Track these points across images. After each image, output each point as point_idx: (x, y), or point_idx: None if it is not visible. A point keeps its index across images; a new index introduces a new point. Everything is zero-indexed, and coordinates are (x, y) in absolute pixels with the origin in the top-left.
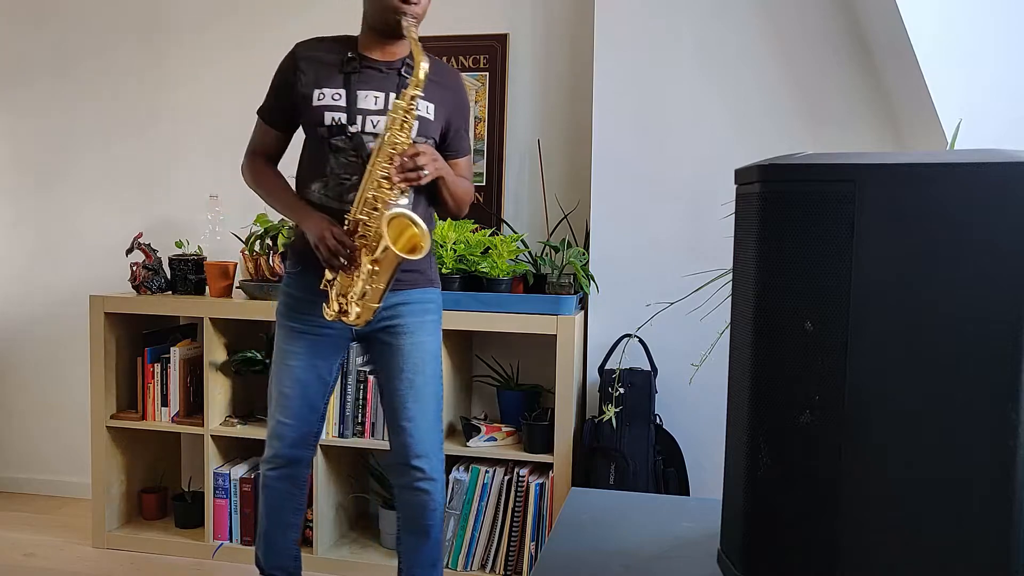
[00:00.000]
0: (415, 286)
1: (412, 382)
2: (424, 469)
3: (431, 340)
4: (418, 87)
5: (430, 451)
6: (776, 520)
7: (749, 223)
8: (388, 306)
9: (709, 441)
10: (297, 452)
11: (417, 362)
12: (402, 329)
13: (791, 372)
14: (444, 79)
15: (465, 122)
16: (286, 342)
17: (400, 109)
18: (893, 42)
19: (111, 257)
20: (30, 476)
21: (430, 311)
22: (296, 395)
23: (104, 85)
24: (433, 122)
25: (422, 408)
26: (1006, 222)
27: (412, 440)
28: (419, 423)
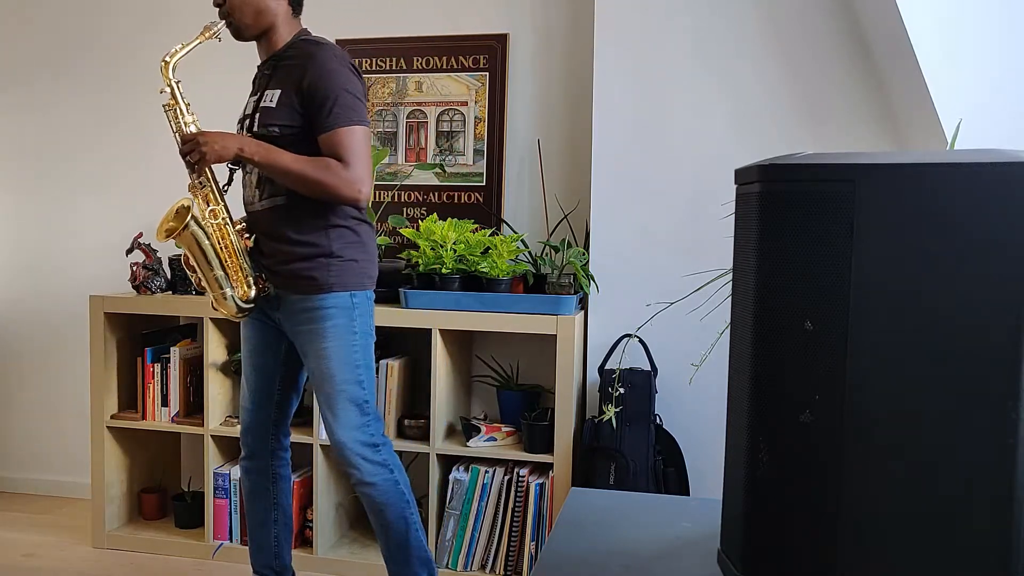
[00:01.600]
0: (317, 291)
1: (322, 390)
2: (354, 474)
3: (333, 346)
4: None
5: (353, 458)
6: (776, 520)
7: (749, 223)
8: (301, 311)
9: (709, 441)
10: (259, 442)
11: (323, 371)
12: (308, 337)
13: (791, 372)
14: (297, 58)
15: (323, 97)
16: (242, 328)
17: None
18: (893, 42)
19: (111, 257)
20: (30, 476)
21: (330, 316)
22: (250, 379)
23: (104, 84)
24: (275, 109)
25: (336, 416)
26: (1006, 222)
27: (335, 448)
28: (337, 432)
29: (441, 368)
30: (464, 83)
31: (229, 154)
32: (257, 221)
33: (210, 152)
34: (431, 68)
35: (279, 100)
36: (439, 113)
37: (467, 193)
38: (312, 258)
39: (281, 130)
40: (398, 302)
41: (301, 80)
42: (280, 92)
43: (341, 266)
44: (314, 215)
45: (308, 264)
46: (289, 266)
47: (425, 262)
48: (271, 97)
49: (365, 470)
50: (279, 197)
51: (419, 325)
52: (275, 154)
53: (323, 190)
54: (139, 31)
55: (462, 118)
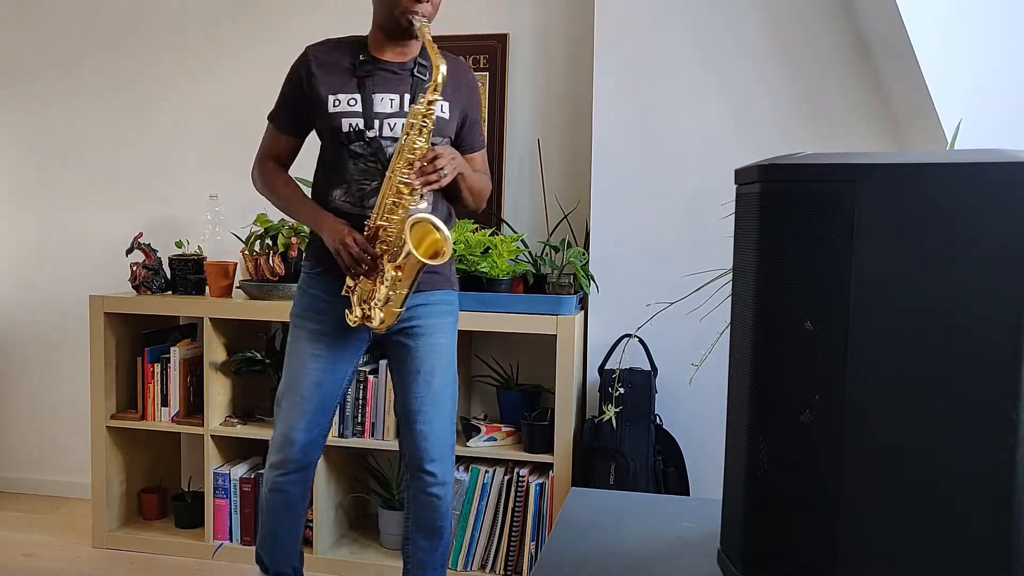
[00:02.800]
0: (434, 288)
1: (430, 384)
2: (437, 474)
3: (448, 342)
4: (436, 91)
5: (444, 455)
6: (776, 520)
7: (749, 223)
8: (408, 307)
9: (709, 441)
10: (309, 457)
11: (435, 364)
12: (420, 331)
13: (791, 372)
14: (458, 76)
15: (478, 115)
16: (305, 344)
17: (418, 114)
18: (893, 42)
19: (111, 257)
20: (30, 476)
21: (448, 313)
22: (314, 398)
23: (104, 84)
24: (449, 120)
25: (438, 411)
26: (1006, 222)
27: (427, 444)
28: (435, 427)
29: None
30: None
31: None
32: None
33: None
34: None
35: (451, 113)
36: None
37: None
38: None
39: (450, 142)
40: None
41: (465, 99)
42: (450, 106)
43: (453, 265)
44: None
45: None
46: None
47: None
48: (441, 107)
49: (447, 470)
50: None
51: None
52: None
53: (482, 202)
54: (140, 31)
55: None
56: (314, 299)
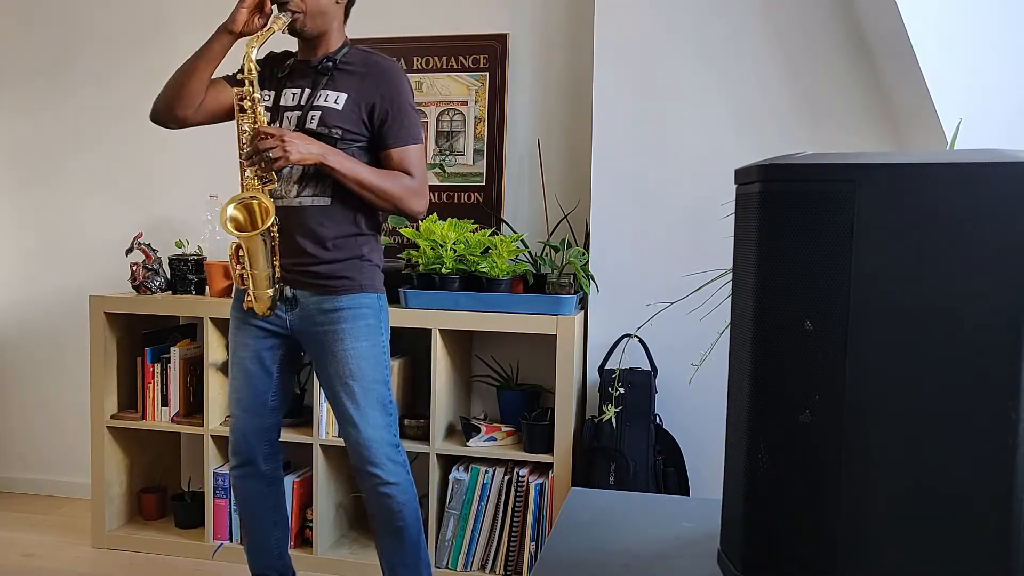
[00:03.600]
0: (347, 292)
1: (351, 389)
2: (379, 476)
3: (365, 345)
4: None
5: (381, 458)
6: (776, 520)
7: (749, 223)
8: (321, 311)
9: (709, 441)
10: (253, 448)
11: (353, 369)
12: (336, 335)
13: (791, 372)
14: (364, 68)
15: (396, 109)
16: (235, 334)
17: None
18: (893, 42)
19: (111, 257)
20: (30, 476)
21: (363, 316)
22: (244, 386)
23: (104, 84)
24: (341, 112)
25: (364, 415)
26: (1006, 222)
27: (361, 449)
28: (364, 430)
29: (441, 368)
30: (464, 83)
31: (311, 160)
32: (288, 218)
33: (294, 153)
34: (431, 68)
35: (346, 105)
36: (439, 113)
37: (467, 193)
38: (345, 260)
39: (343, 134)
40: (398, 302)
41: (373, 93)
42: (347, 97)
43: (371, 269)
44: (353, 220)
45: (342, 265)
46: (322, 266)
47: (425, 262)
48: (335, 99)
49: (389, 470)
50: (324, 198)
51: (419, 325)
52: (356, 165)
53: (395, 203)
54: (140, 30)
55: (462, 118)
56: (240, 291)
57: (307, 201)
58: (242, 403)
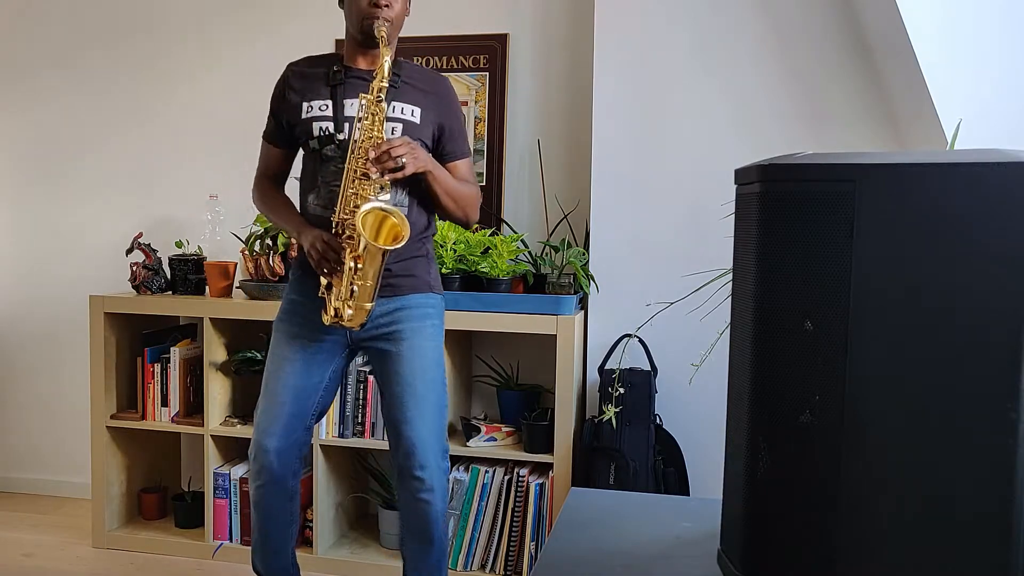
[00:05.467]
0: (414, 291)
1: (413, 388)
2: (424, 480)
3: (431, 345)
4: (383, 80)
5: (431, 460)
6: (776, 520)
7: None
8: (386, 312)
9: (709, 441)
10: (285, 466)
11: (416, 368)
12: (400, 335)
13: (791, 372)
14: (428, 84)
15: (459, 125)
16: (283, 347)
17: (369, 103)
18: (893, 42)
19: (111, 257)
20: (30, 476)
21: (429, 316)
22: (288, 403)
23: (104, 84)
24: (419, 125)
25: (422, 415)
26: (1006, 222)
27: (414, 449)
28: (420, 431)
29: None
30: (464, 83)
31: (423, 168)
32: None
33: (418, 163)
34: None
35: (422, 118)
36: None
37: None
38: (411, 258)
39: (420, 145)
40: None
41: (441, 108)
42: (421, 111)
43: (435, 268)
44: (424, 219)
45: (409, 263)
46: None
47: None
48: (411, 112)
49: (436, 476)
50: (404, 206)
51: None
52: (446, 173)
53: (466, 211)
54: (140, 30)
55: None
56: (292, 303)
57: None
58: (281, 421)
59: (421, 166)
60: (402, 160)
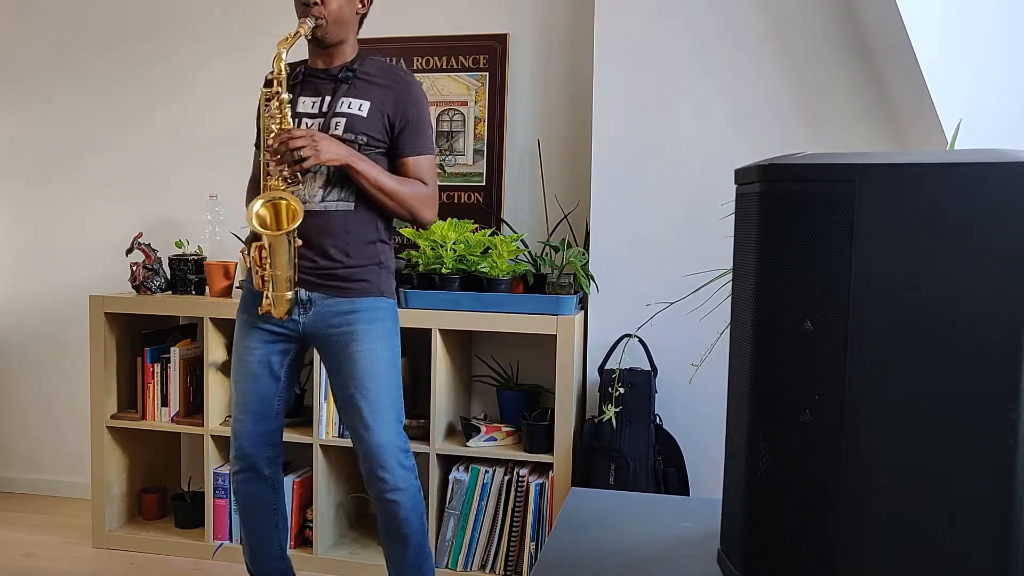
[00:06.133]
0: (365, 295)
1: (366, 390)
2: (387, 480)
3: (382, 347)
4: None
5: (390, 462)
6: (776, 520)
7: (749, 223)
8: (338, 312)
9: (709, 441)
10: (257, 451)
11: (369, 370)
12: (352, 337)
13: (791, 372)
14: (388, 79)
15: (418, 120)
16: (242, 337)
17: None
18: (893, 42)
19: (111, 257)
20: (30, 476)
21: (380, 318)
22: (251, 390)
23: (104, 84)
24: (365, 119)
25: (378, 418)
26: (1006, 222)
27: (373, 451)
28: (377, 434)
29: (441, 368)
30: (464, 83)
31: (338, 161)
32: (311, 222)
33: (324, 153)
34: (431, 68)
35: (370, 112)
36: (439, 113)
37: (467, 193)
38: (364, 265)
39: (368, 141)
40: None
41: (396, 103)
42: (370, 105)
43: (388, 276)
44: (373, 225)
45: (361, 269)
46: (343, 270)
47: (425, 262)
48: (359, 106)
49: (398, 475)
50: (347, 203)
51: (419, 325)
52: (379, 171)
53: (411, 210)
54: (140, 30)
55: (462, 118)
56: (248, 293)
57: (332, 206)
58: (247, 408)
59: (331, 158)
60: (299, 153)
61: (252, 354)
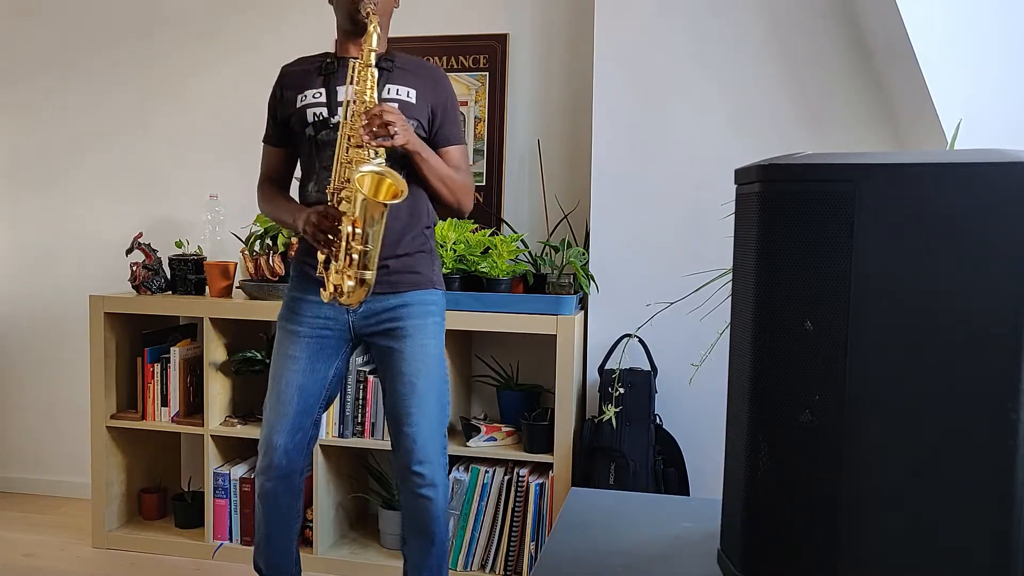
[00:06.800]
0: (417, 287)
1: (414, 386)
2: (425, 475)
3: (433, 343)
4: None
5: (432, 457)
6: (776, 520)
7: (749, 223)
8: (389, 307)
9: (709, 441)
10: (293, 462)
11: (419, 365)
12: (403, 332)
13: (791, 372)
14: (422, 70)
15: (453, 110)
16: (286, 346)
17: (359, 66)
18: (893, 42)
19: (111, 257)
20: (30, 476)
21: (432, 313)
22: (294, 400)
23: (104, 84)
24: (415, 105)
25: (424, 413)
26: (1006, 222)
27: (414, 445)
28: (421, 428)
29: None
30: (464, 83)
31: (413, 145)
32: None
33: (409, 136)
34: None
35: (418, 99)
36: None
37: None
38: (416, 253)
39: (417, 127)
40: None
41: (436, 92)
42: (416, 93)
43: (437, 264)
44: (424, 212)
45: (413, 259)
46: (394, 260)
47: None
48: (406, 93)
49: (436, 472)
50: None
51: None
52: (436, 156)
53: (459, 197)
54: (139, 30)
55: (462, 118)
56: (293, 300)
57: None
58: (288, 419)
59: (412, 140)
60: (394, 128)
61: (298, 363)
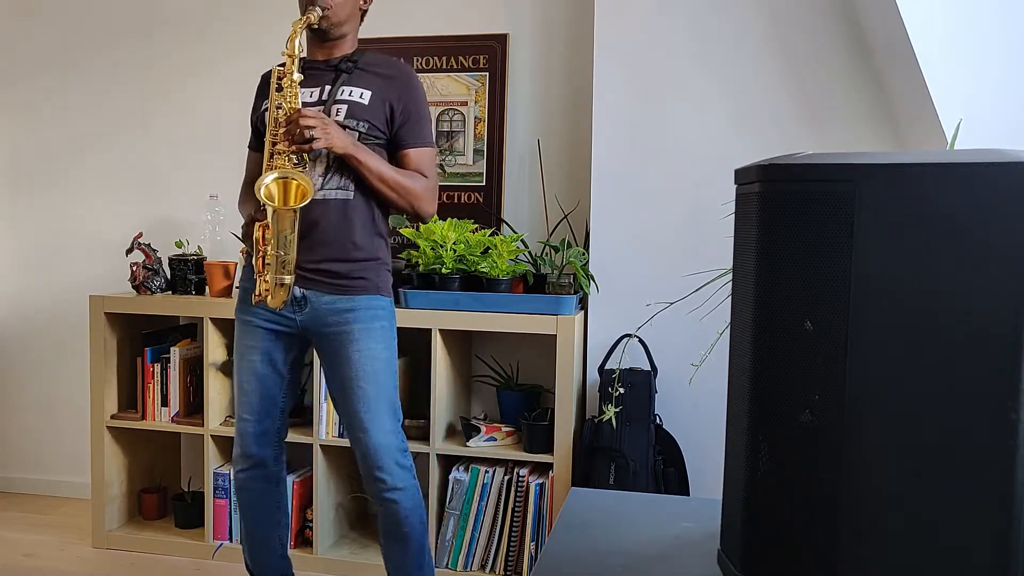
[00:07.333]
0: (363, 292)
1: (364, 392)
2: (386, 481)
3: (381, 347)
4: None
5: (388, 462)
6: (776, 520)
7: (749, 223)
8: (336, 310)
9: (709, 441)
10: (262, 450)
11: (367, 371)
12: (350, 337)
13: (791, 372)
14: (388, 69)
15: (418, 112)
16: (242, 336)
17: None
18: (893, 42)
19: (111, 257)
20: (30, 476)
21: (378, 317)
22: (254, 390)
23: (104, 84)
24: (367, 107)
25: (375, 419)
26: (1006, 222)
27: (370, 452)
28: (374, 435)
29: (441, 368)
30: (464, 83)
31: (340, 147)
32: (310, 211)
33: (333, 138)
34: (431, 68)
35: (372, 100)
36: (439, 113)
37: (467, 193)
38: (364, 260)
39: (369, 128)
40: (398, 302)
41: (399, 93)
42: (371, 94)
43: (386, 273)
44: (373, 218)
45: (361, 265)
46: (341, 265)
47: (425, 262)
48: (360, 94)
49: (396, 475)
50: (348, 192)
51: (419, 325)
52: (380, 161)
53: (412, 202)
54: (139, 31)
55: (462, 118)
56: (245, 291)
57: (331, 195)
58: (252, 407)
59: (335, 143)
60: (310, 132)
61: (254, 352)
